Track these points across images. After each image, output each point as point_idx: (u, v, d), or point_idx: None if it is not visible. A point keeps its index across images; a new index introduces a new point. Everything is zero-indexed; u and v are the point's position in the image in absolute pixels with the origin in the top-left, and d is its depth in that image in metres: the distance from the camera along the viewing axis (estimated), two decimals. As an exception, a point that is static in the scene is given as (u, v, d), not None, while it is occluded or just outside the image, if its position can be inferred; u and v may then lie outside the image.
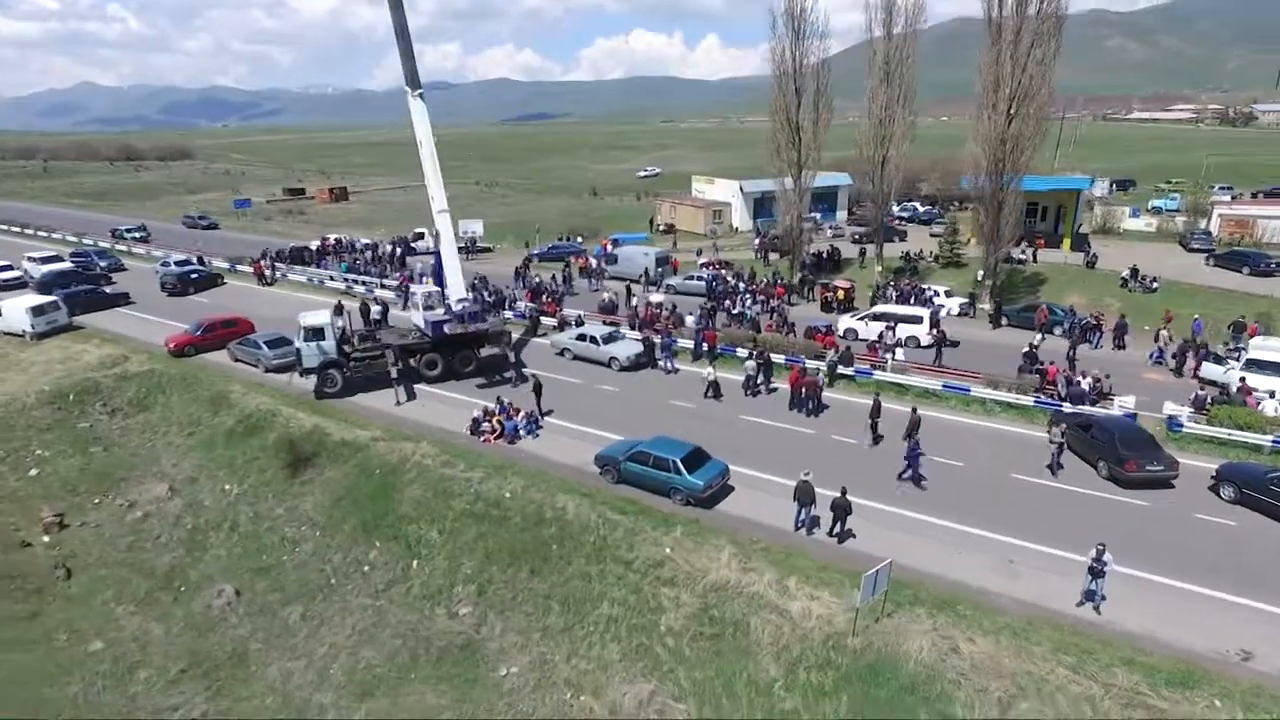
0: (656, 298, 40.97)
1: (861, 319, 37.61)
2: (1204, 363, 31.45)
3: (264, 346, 34.95)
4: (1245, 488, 21.81)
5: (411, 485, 24.70)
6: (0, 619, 20.57)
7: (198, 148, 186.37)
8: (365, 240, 62.67)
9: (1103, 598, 17.72)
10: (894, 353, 32.61)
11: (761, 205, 72.31)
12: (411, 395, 31.24)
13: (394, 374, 30.85)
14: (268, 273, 51.80)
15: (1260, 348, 30.83)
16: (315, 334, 30.78)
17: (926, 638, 16.72)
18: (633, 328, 37.17)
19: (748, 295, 41.96)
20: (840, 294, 43.03)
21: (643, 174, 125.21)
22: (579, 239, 64.41)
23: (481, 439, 27.40)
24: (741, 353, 34.03)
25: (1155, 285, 45.98)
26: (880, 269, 48.98)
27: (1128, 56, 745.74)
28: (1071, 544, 19.86)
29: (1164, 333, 34.92)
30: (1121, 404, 27.40)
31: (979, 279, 46.30)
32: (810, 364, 30.91)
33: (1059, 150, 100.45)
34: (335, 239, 62.85)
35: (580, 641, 18.84)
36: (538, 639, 19.15)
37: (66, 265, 52.31)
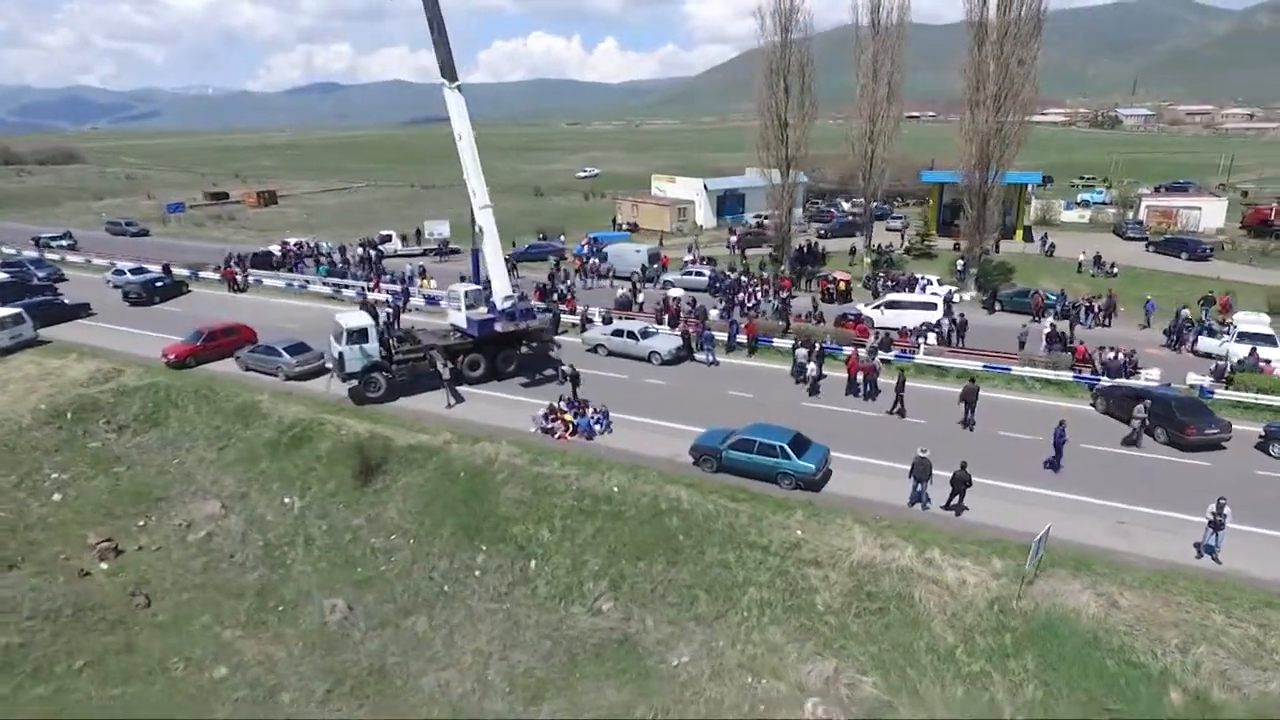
0: (675, 292, 41.18)
1: (876, 308, 38.99)
2: (1199, 337, 34.29)
3: (284, 353, 33.09)
4: (1295, 444, 24.11)
5: (506, 485, 24.05)
6: (95, 653, 18.76)
7: (86, 150, 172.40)
8: (327, 244, 59.96)
9: (1219, 549, 19.20)
10: (926, 337, 34.03)
11: (724, 203, 73.73)
12: (460, 397, 30.28)
13: (445, 375, 29.84)
14: (239, 279, 48.85)
15: (1247, 322, 33.95)
16: (359, 336, 29.41)
17: (1085, 595, 17.71)
18: (659, 322, 37.23)
19: (757, 289, 42.68)
20: (842, 285, 44.48)
21: (582, 174, 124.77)
22: (560, 238, 63.87)
23: (556, 436, 26.93)
24: (779, 343, 34.72)
25: (1115, 270, 49.75)
26: (869, 261, 50.81)
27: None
28: (1163, 503, 21.45)
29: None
30: (1148, 376, 29.62)
31: (960, 268, 48.79)
32: (863, 352, 31.75)
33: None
34: (297, 242, 59.88)
35: (738, 627, 18.91)
36: (693, 628, 19.10)
37: (2, 276, 47.79)
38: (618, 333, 35.00)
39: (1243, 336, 32.61)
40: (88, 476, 27.60)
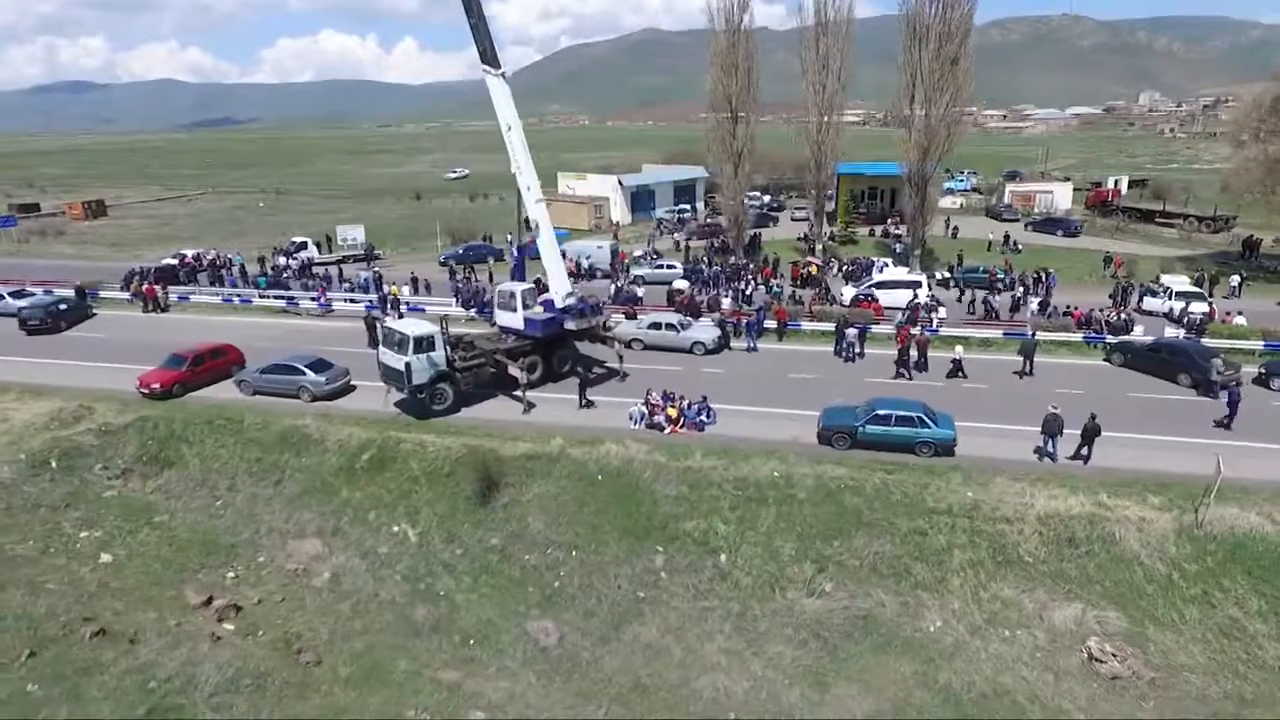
0: (680, 284, 41.17)
1: (867, 289, 41.31)
2: (1144, 298, 39.63)
3: (308, 372, 29.56)
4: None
5: (656, 483, 23.21)
6: (315, 723, 16.04)
7: None
8: (238, 255, 53.66)
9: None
10: (937, 312, 36.64)
11: (638, 199, 74.25)
12: (531, 403, 28.65)
13: (523, 380, 28.09)
14: (160, 296, 42.64)
15: (1177, 284, 39.73)
16: (426, 345, 26.96)
17: (1251, 517, 20.21)
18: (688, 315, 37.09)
19: (750, 278, 43.72)
20: (815, 269, 46.62)
21: (451, 175, 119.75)
22: (509, 238, 61.34)
23: (666, 431, 26.33)
24: (808, 326, 36.00)
25: (1020, 248, 56.00)
26: (821, 247, 53.47)
27: (790, 68, 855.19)
28: (1249, 435, 24.72)
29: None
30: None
31: (897, 250, 52.81)
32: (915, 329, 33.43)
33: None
34: (195, 255, 53.02)
35: (963, 588, 19.70)
36: (924, 596, 19.63)
37: None
38: (655, 325, 34.58)
39: (1179, 295, 38.16)
40: (127, 531, 23.23)
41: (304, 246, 55.35)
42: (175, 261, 50.74)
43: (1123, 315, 34.34)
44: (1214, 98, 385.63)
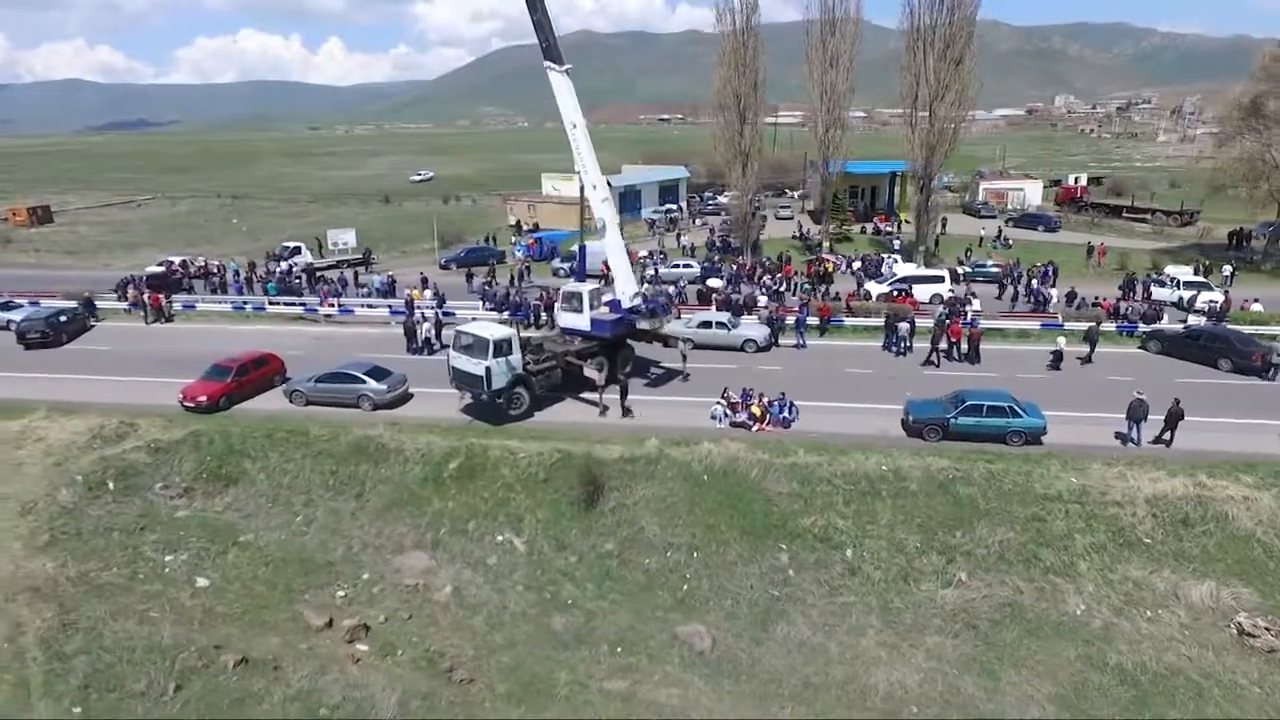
0: (715, 282, 41.09)
1: (891, 285, 42.04)
2: (1152, 288, 41.43)
3: (368, 380, 28.41)
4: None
5: (766, 481, 23.07)
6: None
7: None
8: (234, 261, 51.30)
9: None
10: (971, 304, 37.55)
11: (626, 199, 73.86)
12: (605, 405, 28.14)
13: (601, 381, 27.57)
14: (164, 305, 40.39)
15: (1182, 274, 41.69)
16: (504, 348, 26.22)
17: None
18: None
19: (780, 276, 43.99)
20: (830, 267, 47.21)
21: (416, 178, 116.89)
22: (513, 240, 60.47)
23: (754, 429, 26.23)
24: (849, 322, 36.41)
25: (1010, 243, 57.90)
26: (825, 245, 54.19)
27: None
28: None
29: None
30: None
31: (897, 247, 53.98)
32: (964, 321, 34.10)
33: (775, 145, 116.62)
34: (182, 261, 50.47)
35: (1090, 570, 20.18)
36: (1058, 581, 20.00)
37: None
38: (705, 324, 34.44)
39: (1187, 284, 40.08)
40: (215, 553, 21.83)
41: (298, 251, 53.16)
42: (163, 269, 48.13)
43: (1149, 306, 35.78)
44: (1125, 100, 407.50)
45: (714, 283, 41.27)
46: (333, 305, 41.35)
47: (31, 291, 43.02)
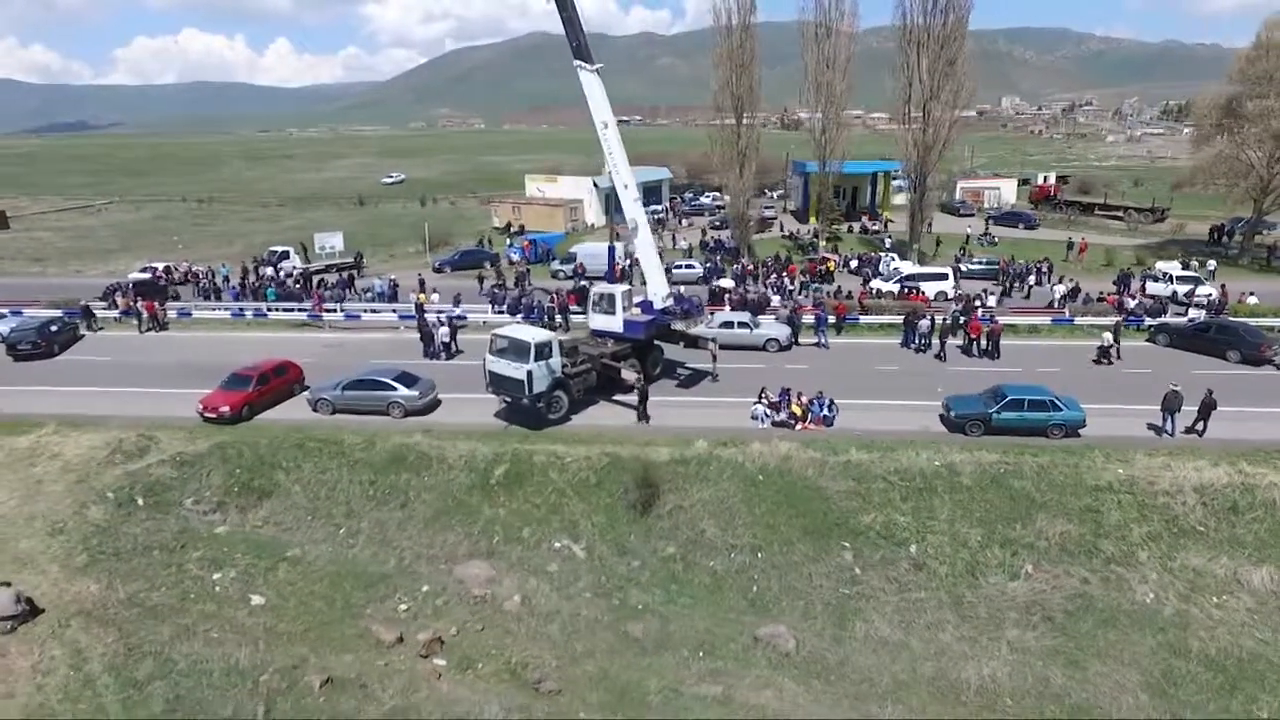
0: (726, 283, 41.05)
1: (896, 282, 42.56)
2: (1148, 282, 42.65)
3: (399, 386, 27.70)
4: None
5: (821, 480, 23.05)
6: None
7: None
8: (224, 266, 49.62)
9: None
10: (984, 300, 38.16)
11: (612, 200, 73.36)
12: (645, 406, 27.84)
13: (638, 384, 27.27)
14: (160, 312, 38.88)
15: (1174, 270, 43.00)
16: (545, 351, 25.78)
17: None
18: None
19: (784, 275, 44.17)
20: (831, 265, 47.63)
21: (388, 180, 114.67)
22: (508, 242, 59.63)
23: (797, 427, 26.24)
24: (864, 320, 36.74)
25: (996, 241, 59.16)
26: (823, 244, 54.62)
27: (676, 73, 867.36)
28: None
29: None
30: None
31: (888, 245, 54.67)
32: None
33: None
34: (165, 267, 48.71)
35: (1150, 559, 20.59)
36: (1120, 570, 20.34)
37: None
38: (727, 324, 34.37)
39: (1180, 279, 41.39)
40: (264, 570, 21.01)
41: (285, 256, 51.73)
42: (148, 275, 46.37)
43: (1153, 301, 36.83)
44: (1069, 102, 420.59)
45: (725, 283, 41.25)
46: (333, 310, 40.27)
47: (12, 301, 41.01)
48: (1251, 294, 38.05)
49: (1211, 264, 46.46)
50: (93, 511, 22.16)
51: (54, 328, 35.61)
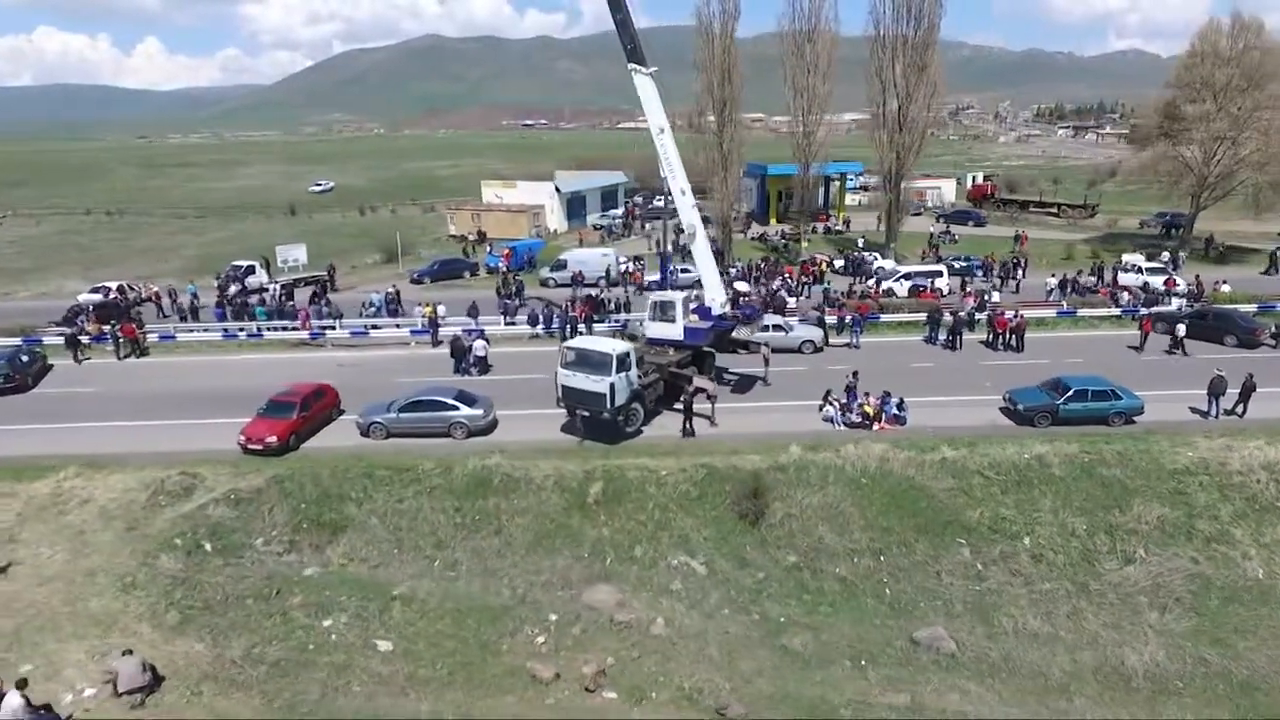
0: (743, 286, 40.93)
1: (897, 280, 43.70)
2: (1119, 274, 45.40)
3: (461, 405, 26.23)
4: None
5: (922, 478, 23.29)
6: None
7: None
8: (191, 286, 45.65)
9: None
10: (991, 296, 39.63)
11: (573, 205, 72.53)
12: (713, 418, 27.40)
13: (713, 392, 26.80)
14: (140, 337, 35.45)
15: (1141, 261, 45.96)
16: (625, 363, 24.95)
17: None
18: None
19: (787, 277, 44.57)
20: (824, 266, 48.44)
21: (316, 189, 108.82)
22: (489, 250, 57.54)
23: (874, 428, 26.43)
24: (885, 318, 37.57)
25: (956, 238, 61.77)
26: (805, 245, 55.50)
27: (574, 77, 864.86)
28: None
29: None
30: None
31: (861, 245, 56.18)
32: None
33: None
34: (118, 286, 44.58)
35: (1244, 537, 21.75)
36: (1219, 548, 21.37)
37: None
38: (763, 327, 34.26)
39: (1149, 271, 44.32)
40: (375, 612, 19.33)
41: (251, 271, 48.35)
42: (103, 297, 42.36)
43: (1146, 293, 39.27)
44: (953, 105, 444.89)
45: (741, 286, 41.19)
46: (333, 328, 37.87)
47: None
48: (1224, 283, 41.12)
49: (1165, 255, 49.87)
50: (164, 561, 19.86)
51: (24, 358, 31.89)
